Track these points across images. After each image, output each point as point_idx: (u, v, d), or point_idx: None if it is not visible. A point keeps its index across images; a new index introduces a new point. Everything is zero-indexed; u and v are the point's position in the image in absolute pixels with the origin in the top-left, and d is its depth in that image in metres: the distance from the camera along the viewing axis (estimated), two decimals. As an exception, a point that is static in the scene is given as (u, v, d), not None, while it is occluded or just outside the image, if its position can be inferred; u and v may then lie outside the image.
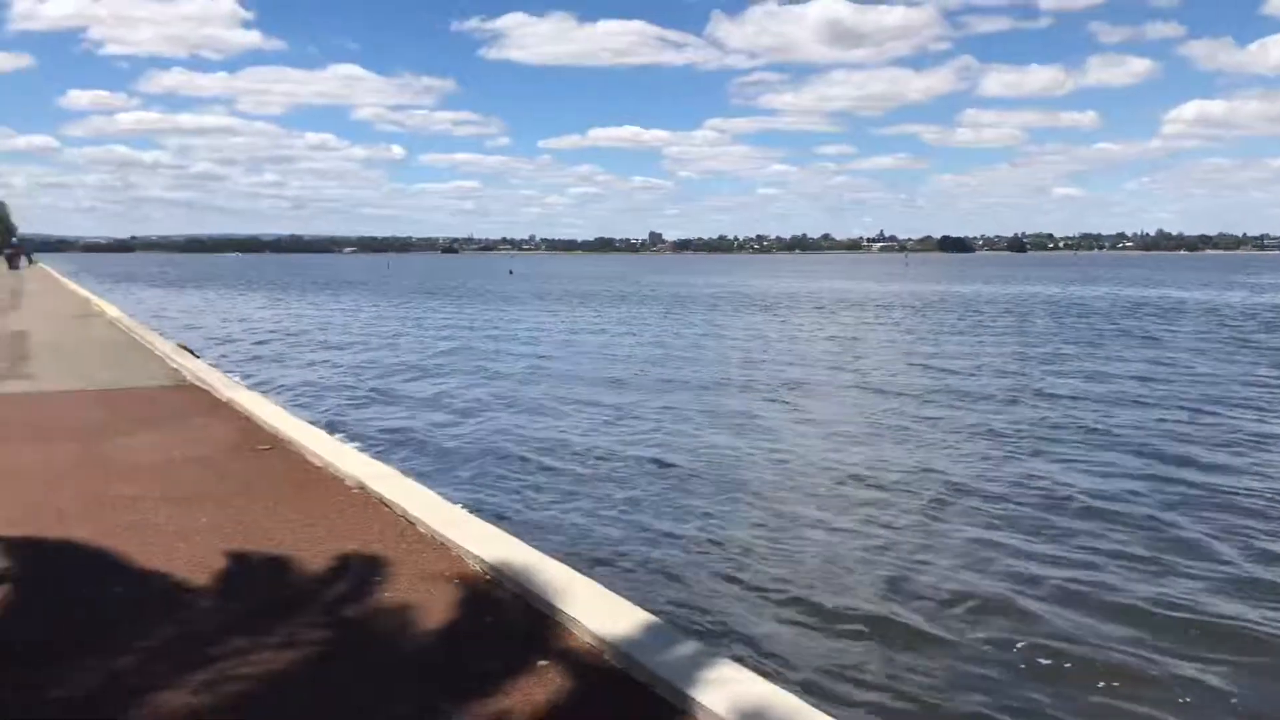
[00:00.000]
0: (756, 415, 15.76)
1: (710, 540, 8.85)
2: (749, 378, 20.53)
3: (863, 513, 9.81)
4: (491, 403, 17.08)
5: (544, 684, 3.63)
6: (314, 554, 5.16)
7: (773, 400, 17.44)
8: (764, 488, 10.87)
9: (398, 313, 44.60)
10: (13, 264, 69.76)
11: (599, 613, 4.11)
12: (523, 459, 12.29)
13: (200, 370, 12.94)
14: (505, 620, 4.28)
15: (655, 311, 45.17)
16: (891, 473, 11.48)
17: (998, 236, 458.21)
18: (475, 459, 12.38)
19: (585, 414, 15.74)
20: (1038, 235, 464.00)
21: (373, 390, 18.80)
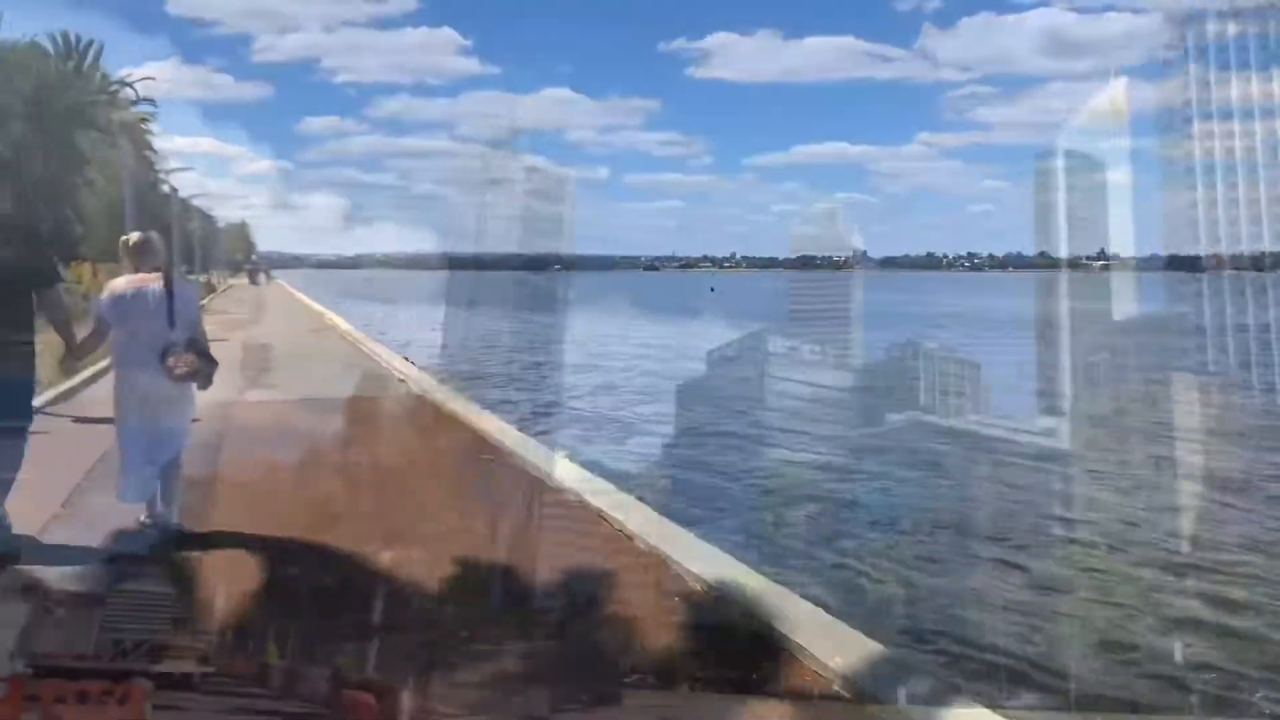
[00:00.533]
0: (979, 451, 15.05)
1: (924, 580, 8.45)
2: (970, 406, 19.67)
3: (1109, 573, 9.02)
4: (692, 424, 17.03)
5: (770, 708, 3.55)
6: (538, 564, 5.26)
7: (1000, 435, 16.59)
8: (994, 533, 10.24)
9: (600, 330, 45.36)
10: (253, 279, 75.55)
11: (826, 640, 4.00)
12: (724, 485, 12.16)
13: (423, 382, 13.57)
14: (729, 640, 4.22)
15: (862, 333, 44.05)
16: (1156, 533, 10.51)
17: (1238, 254, 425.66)
18: (676, 481, 12.35)
19: (791, 440, 15.47)
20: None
21: (571, 406, 19.08)
